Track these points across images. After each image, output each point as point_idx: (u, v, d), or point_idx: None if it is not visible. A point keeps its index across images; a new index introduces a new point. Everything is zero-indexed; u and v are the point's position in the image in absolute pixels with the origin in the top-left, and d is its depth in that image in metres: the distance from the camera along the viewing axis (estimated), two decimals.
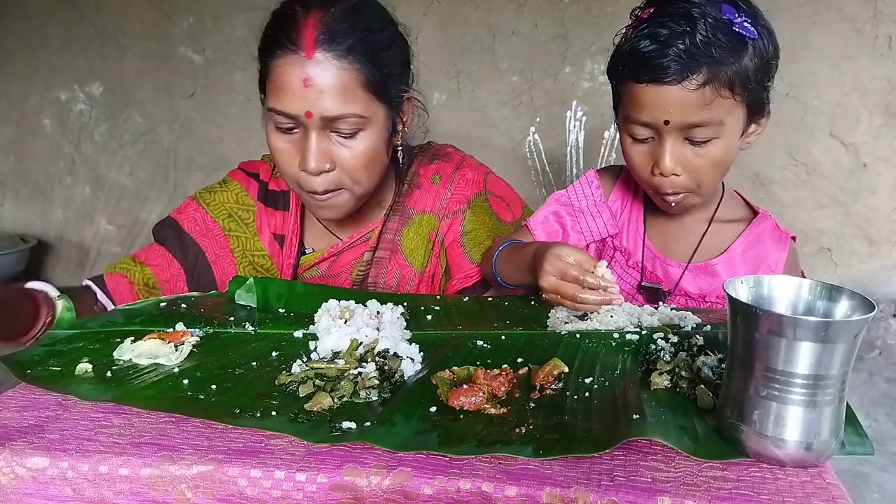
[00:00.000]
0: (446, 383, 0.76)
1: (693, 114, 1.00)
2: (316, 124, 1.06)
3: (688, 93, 0.99)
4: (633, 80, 1.03)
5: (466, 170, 1.32)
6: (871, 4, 2.66)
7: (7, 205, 3.64)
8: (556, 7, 2.91)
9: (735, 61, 0.99)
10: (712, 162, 1.05)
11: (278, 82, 1.06)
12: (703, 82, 0.98)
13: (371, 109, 1.09)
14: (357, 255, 1.27)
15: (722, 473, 0.62)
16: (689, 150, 1.04)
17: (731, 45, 0.99)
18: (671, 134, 1.03)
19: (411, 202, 1.29)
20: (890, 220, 2.83)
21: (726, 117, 1.02)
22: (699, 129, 1.01)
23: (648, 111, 1.02)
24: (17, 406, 0.75)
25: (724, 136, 1.03)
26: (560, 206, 1.25)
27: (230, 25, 3.20)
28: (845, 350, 0.60)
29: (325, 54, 1.04)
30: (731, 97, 1.00)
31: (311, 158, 1.07)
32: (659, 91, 1.00)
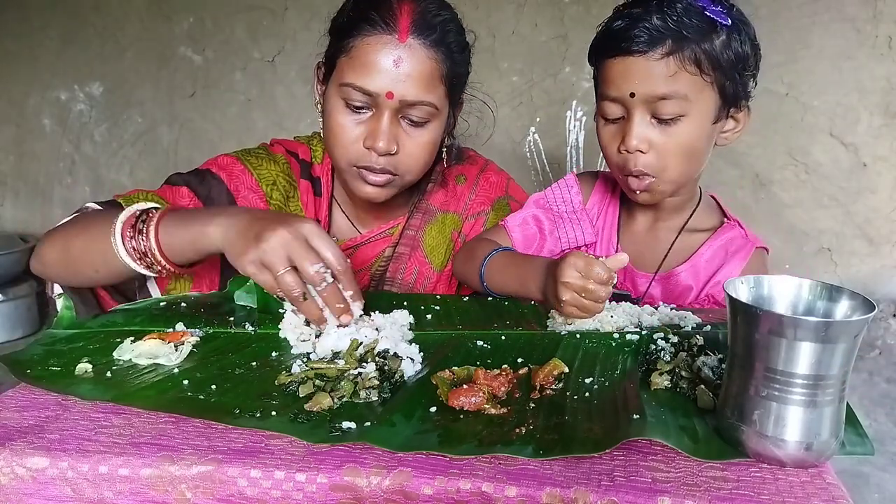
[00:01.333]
0: (446, 383, 0.76)
1: (658, 85, 1.01)
2: (393, 106, 1.08)
3: (652, 63, 1.01)
4: (606, 58, 1.06)
5: (490, 173, 1.36)
6: (871, 4, 2.66)
7: (7, 205, 3.64)
8: (556, 7, 2.92)
9: (703, 40, 1.01)
10: (679, 143, 1.05)
11: (364, 59, 1.07)
12: (666, 52, 1.01)
13: (442, 103, 1.13)
14: (377, 251, 1.28)
15: (722, 474, 0.62)
16: (656, 129, 1.04)
17: (700, 25, 1.01)
18: (638, 108, 1.03)
19: (435, 201, 1.31)
20: (890, 220, 2.83)
21: (694, 95, 1.02)
22: (664, 102, 1.02)
23: (616, 85, 1.04)
24: (17, 406, 0.75)
25: (692, 115, 1.03)
26: (539, 210, 1.25)
27: (230, 25, 3.21)
28: (845, 350, 0.60)
29: (417, 41, 1.07)
30: (697, 74, 1.01)
31: (381, 138, 1.09)
32: (626, 63, 1.03)
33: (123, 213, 0.98)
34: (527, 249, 1.21)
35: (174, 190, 1.16)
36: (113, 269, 1.00)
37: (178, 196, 1.15)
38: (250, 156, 1.24)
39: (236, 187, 1.20)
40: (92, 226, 1.01)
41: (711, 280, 1.14)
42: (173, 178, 1.19)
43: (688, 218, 1.19)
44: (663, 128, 1.04)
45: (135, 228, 0.96)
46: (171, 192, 1.16)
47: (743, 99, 1.08)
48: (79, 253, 1.01)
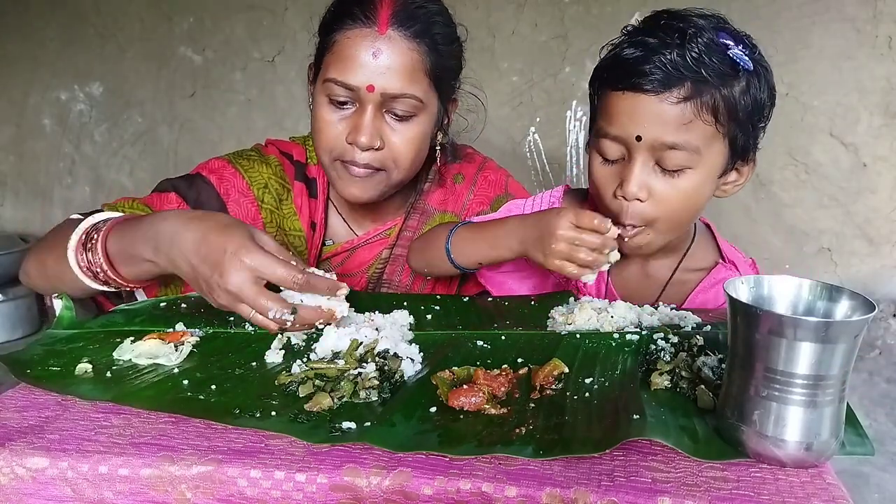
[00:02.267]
0: (446, 383, 0.76)
1: (669, 132, 0.92)
2: (374, 100, 1.06)
3: (666, 106, 0.91)
4: (611, 89, 0.96)
5: (489, 171, 1.33)
6: (871, 4, 2.66)
7: (7, 205, 3.64)
8: (556, 7, 2.91)
9: (724, 86, 0.91)
10: (681, 196, 0.96)
11: (344, 53, 1.06)
12: (684, 97, 0.91)
13: (428, 96, 1.10)
14: (374, 253, 1.27)
15: (722, 474, 0.62)
16: (659, 177, 0.95)
17: (722, 67, 0.91)
18: (641, 154, 0.94)
19: (432, 201, 1.29)
20: (890, 220, 2.83)
21: (705, 147, 0.93)
22: (673, 152, 0.93)
23: (621, 123, 0.94)
24: (17, 406, 0.75)
25: (699, 168, 0.94)
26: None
27: (230, 25, 3.20)
28: (845, 350, 0.60)
29: (398, 32, 1.05)
30: (713, 125, 0.92)
31: (363, 132, 1.07)
32: (636, 101, 0.92)
33: (79, 227, 0.95)
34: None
35: (162, 196, 1.14)
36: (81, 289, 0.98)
37: (166, 202, 1.13)
38: (242, 158, 1.22)
39: (226, 191, 1.17)
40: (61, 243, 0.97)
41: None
42: (163, 184, 1.17)
43: (682, 256, 1.12)
44: (666, 178, 0.95)
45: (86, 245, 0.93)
46: (158, 199, 1.14)
47: (752, 151, 1.00)
48: (53, 271, 0.99)
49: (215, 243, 0.83)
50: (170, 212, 0.93)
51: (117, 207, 1.10)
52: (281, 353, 0.87)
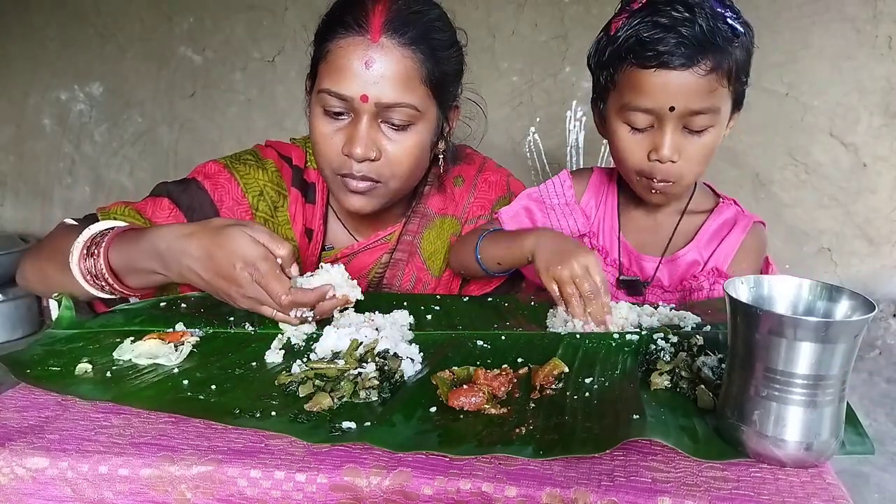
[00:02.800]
0: (446, 383, 0.76)
1: (698, 100, 1.02)
2: (369, 110, 1.04)
3: (695, 78, 1.00)
4: (638, 66, 1.03)
5: (489, 173, 1.31)
6: (871, 4, 2.66)
7: (7, 205, 3.64)
8: (556, 7, 2.91)
9: (733, 51, 1.02)
10: (705, 150, 1.07)
11: (337, 63, 1.04)
12: (710, 69, 1.00)
13: (425, 105, 1.08)
14: (374, 258, 1.25)
15: (722, 474, 0.62)
16: (687, 138, 1.05)
17: (727, 37, 1.01)
18: (673, 121, 1.03)
19: (432, 205, 1.27)
20: (890, 220, 2.83)
21: (723, 106, 1.05)
22: (700, 116, 1.03)
23: (653, 97, 1.03)
24: (17, 406, 0.75)
25: (717, 124, 1.06)
26: (531, 202, 1.26)
27: (230, 25, 3.20)
28: (845, 350, 0.60)
29: (391, 40, 1.03)
30: (727, 87, 1.03)
31: (358, 143, 1.04)
32: (666, 77, 1.01)
33: (80, 237, 0.97)
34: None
35: (156, 201, 1.14)
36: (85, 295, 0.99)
37: (159, 208, 1.13)
38: (239, 162, 1.21)
39: (220, 198, 1.17)
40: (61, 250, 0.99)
41: (715, 253, 1.17)
42: (158, 188, 1.17)
43: (687, 202, 1.21)
44: (693, 137, 1.06)
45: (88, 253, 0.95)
46: (152, 205, 1.13)
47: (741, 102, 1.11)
48: (54, 280, 1.01)
49: (222, 260, 0.88)
50: (164, 229, 0.94)
51: (111, 213, 1.11)
52: (281, 353, 0.87)
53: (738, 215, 1.20)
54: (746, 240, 1.17)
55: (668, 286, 1.19)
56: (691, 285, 1.17)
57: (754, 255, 1.19)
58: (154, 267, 0.93)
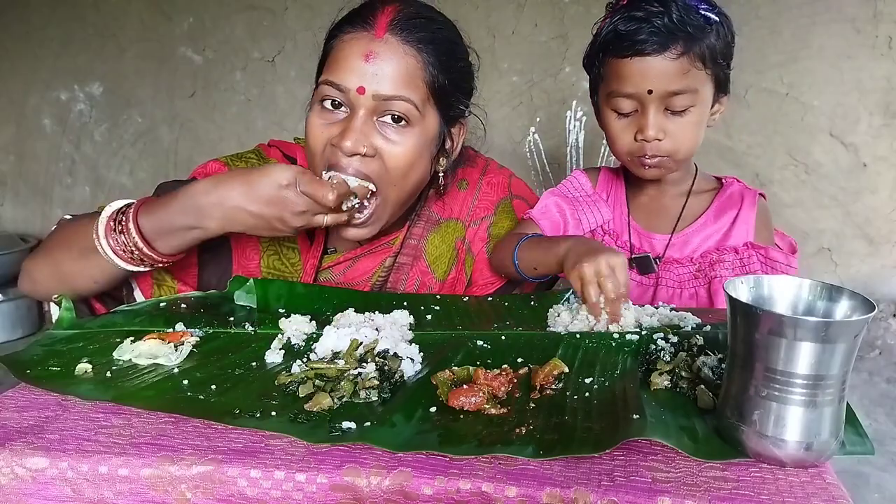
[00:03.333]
0: (446, 383, 0.76)
1: (673, 82, 1.12)
2: (366, 103, 1.02)
3: (668, 62, 1.11)
4: (618, 57, 1.14)
5: (492, 174, 1.31)
6: (871, 4, 2.66)
7: (7, 205, 3.64)
8: (556, 7, 2.91)
9: (704, 38, 1.12)
10: (689, 129, 1.16)
11: (339, 55, 1.04)
12: (680, 53, 1.11)
13: (425, 107, 1.06)
14: (378, 262, 1.23)
15: (722, 474, 0.62)
16: (669, 119, 1.15)
17: (699, 24, 1.12)
18: (653, 103, 1.14)
19: (437, 208, 1.26)
20: (890, 220, 2.82)
21: (701, 87, 1.15)
22: (678, 97, 1.13)
23: (633, 82, 1.14)
24: (17, 406, 0.75)
25: (699, 105, 1.16)
26: (557, 198, 1.31)
27: (230, 25, 3.20)
28: (845, 350, 0.60)
29: (395, 37, 1.03)
30: (703, 69, 1.14)
31: (350, 136, 1.02)
32: (643, 63, 1.12)
33: (102, 216, 0.99)
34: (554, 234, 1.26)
35: None
36: (109, 275, 1.02)
37: None
38: (241, 161, 1.20)
39: None
40: (78, 239, 1.01)
41: (734, 229, 1.25)
42: (160, 188, 1.17)
43: (692, 183, 1.30)
44: (675, 118, 1.15)
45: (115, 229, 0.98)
46: None
47: (727, 87, 1.21)
48: (72, 268, 1.02)
49: (264, 187, 0.96)
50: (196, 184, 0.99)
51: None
52: (281, 353, 0.87)
53: (744, 191, 1.29)
54: (759, 212, 1.27)
55: (682, 259, 1.25)
56: (711, 258, 1.23)
57: (768, 224, 1.30)
58: (191, 222, 0.97)
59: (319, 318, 0.97)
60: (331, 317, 0.97)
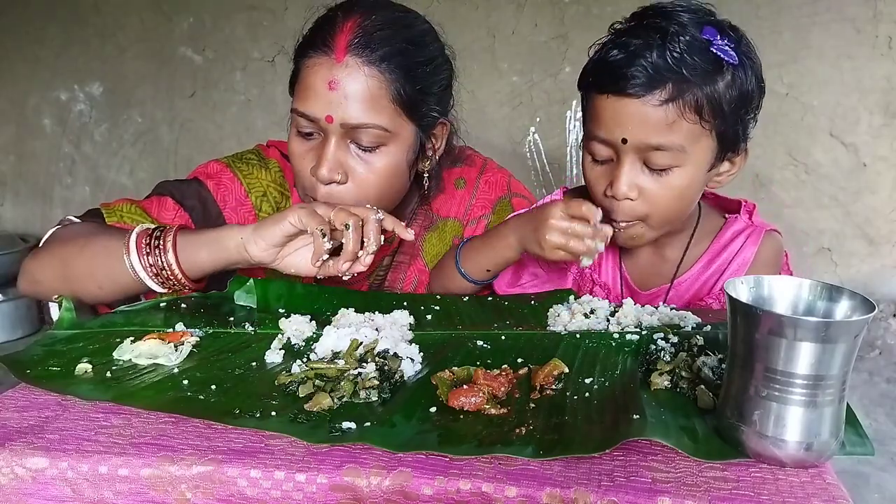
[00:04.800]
0: (446, 384, 0.76)
1: (653, 134, 0.94)
2: (336, 131, 1.03)
3: (649, 108, 0.93)
4: (597, 92, 0.98)
5: (490, 174, 1.30)
6: (871, 4, 2.66)
7: (7, 205, 3.64)
8: (556, 7, 2.91)
9: (706, 83, 0.92)
10: (671, 193, 0.98)
11: (304, 83, 1.04)
12: (666, 99, 0.92)
13: (397, 125, 1.05)
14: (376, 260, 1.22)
15: (722, 474, 0.62)
16: (647, 176, 0.98)
17: (704, 65, 0.92)
18: (629, 155, 0.96)
19: (435, 207, 1.26)
20: (890, 220, 2.82)
21: (691, 145, 0.95)
22: (659, 153, 0.95)
23: (607, 127, 0.97)
24: (17, 406, 0.75)
25: (687, 166, 0.97)
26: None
27: (230, 25, 3.20)
28: (845, 350, 0.60)
29: (356, 59, 1.01)
30: (697, 122, 0.94)
31: (324, 165, 1.03)
32: (620, 104, 0.94)
33: (134, 232, 0.99)
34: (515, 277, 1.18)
35: (160, 200, 1.15)
36: (119, 285, 1.01)
37: (163, 207, 1.14)
38: (242, 162, 1.21)
39: (223, 198, 1.17)
40: (93, 243, 1.02)
41: (727, 269, 1.12)
42: (160, 187, 1.18)
43: (693, 230, 1.13)
44: (654, 176, 0.98)
45: (150, 245, 0.98)
46: (157, 203, 1.14)
47: (742, 142, 1.01)
48: (82, 271, 1.02)
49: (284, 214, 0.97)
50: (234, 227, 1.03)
51: (116, 209, 1.12)
52: (281, 353, 0.87)
53: (749, 228, 1.13)
54: (760, 251, 1.11)
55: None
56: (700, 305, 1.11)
57: (770, 265, 1.12)
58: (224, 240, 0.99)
59: (319, 318, 0.97)
60: (331, 317, 0.97)
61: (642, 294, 1.17)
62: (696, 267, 1.14)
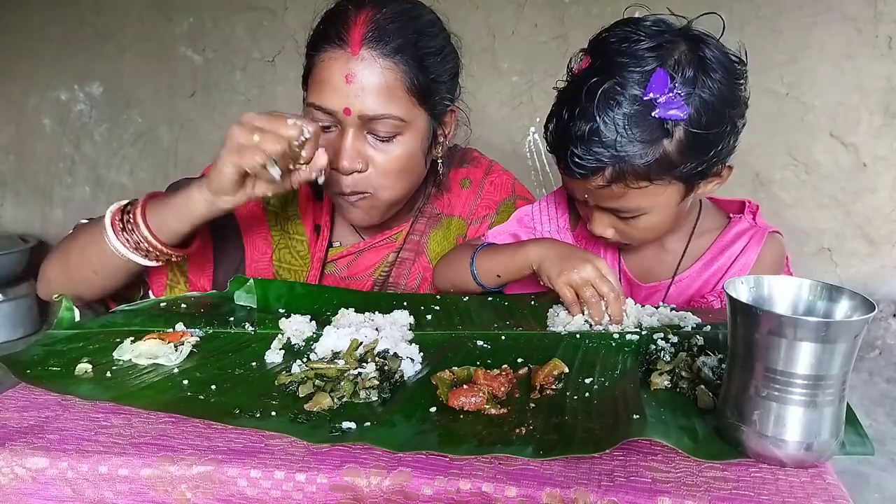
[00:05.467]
0: (446, 384, 0.76)
1: (611, 201, 1.01)
2: (354, 123, 1.05)
3: (594, 187, 0.99)
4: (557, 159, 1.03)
5: (495, 175, 1.33)
6: (872, 4, 2.66)
7: (7, 205, 3.63)
8: (556, 7, 2.91)
9: (650, 153, 0.93)
10: (644, 230, 1.06)
11: (320, 77, 1.05)
12: (609, 181, 0.96)
13: (412, 114, 1.08)
14: (380, 257, 1.26)
15: (722, 474, 0.62)
16: (619, 220, 1.05)
17: (645, 137, 0.92)
18: (597, 209, 1.05)
19: (440, 205, 1.28)
20: (890, 220, 2.82)
21: (651, 199, 0.99)
22: (622, 211, 1.02)
23: (571, 189, 1.07)
24: (17, 406, 0.75)
25: (654, 212, 1.02)
26: (521, 228, 1.23)
27: (230, 25, 3.20)
28: (845, 350, 0.60)
29: (371, 52, 1.03)
30: (648, 184, 0.96)
31: (344, 157, 1.06)
32: (573, 181, 1.02)
33: (107, 213, 1.03)
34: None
35: None
36: (110, 266, 1.04)
37: None
38: None
39: None
40: (82, 233, 1.07)
41: (730, 270, 1.13)
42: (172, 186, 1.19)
43: (694, 225, 1.16)
44: (627, 221, 1.05)
45: (123, 220, 1.01)
46: None
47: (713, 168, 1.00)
48: (76, 260, 1.06)
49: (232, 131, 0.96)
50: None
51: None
52: (281, 353, 0.87)
53: (752, 229, 1.14)
54: (763, 253, 1.13)
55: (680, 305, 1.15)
56: (701, 305, 1.12)
57: (772, 268, 1.14)
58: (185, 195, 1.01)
59: (319, 318, 0.97)
60: (331, 317, 0.97)
61: (643, 287, 1.18)
62: (697, 264, 1.15)
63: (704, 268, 1.15)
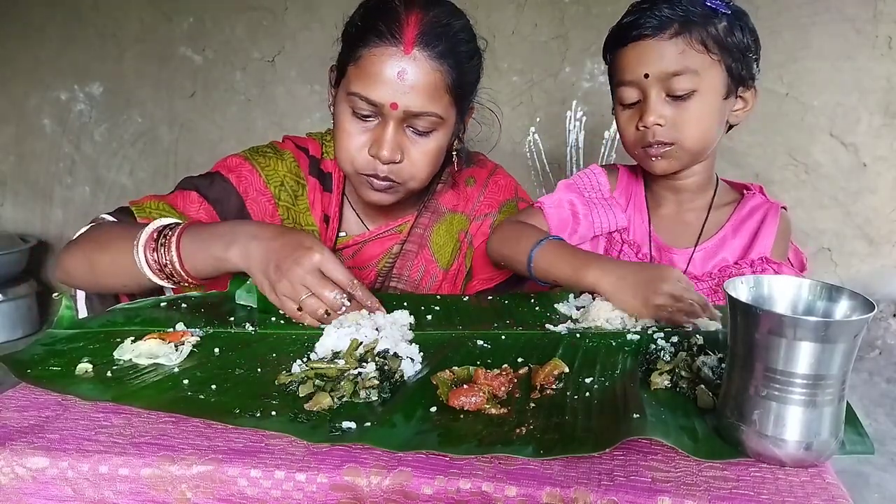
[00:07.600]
0: (446, 383, 0.76)
1: (669, 62, 1.11)
2: (397, 116, 1.10)
3: (663, 43, 1.11)
4: (619, 46, 1.17)
5: (500, 177, 1.38)
6: (871, 4, 2.66)
7: (7, 205, 3.63)
8: (556, 7, 2.91)
9: (706, 24, 1.12)
10: (692, 115, 1.14)
11: (370, 69, 1.09)
12: (674, 33, 1.11)
13: (448, 112, 1.15)
14: (385, 248, 1.30)
15: (722, 473, 0.62)
16: (671, 105, 1.14)
17: (702, 11, 1.12)
18: (653, 88, 1.13)
19: (444, 201, 1.33)
20: (890, 220, 2.82)
21: (703, 71, 1.12)
22: (677, 78, 1.11)
23: (631, 69, 1.15)
24: (17, 406, 0.75)
25: (703, 90, 1.13)
26: (572, 194, 1.29)
27: (230, 25, 3.20)
28: (845, 350, 0.60)
29: (423, 52, 1.09)
30: (704, 52, 1.12)
31: (386, 147, 1.11)
32: (638, 48, 1.13)
33: (146, 229, 1.03)
34: (561, 232, 1.24)
35: (185, 195, 1.20)
36: (140, 282, 1.06)
37: (189, 201, 1.19)
38: (258, 155, 1.27)
39: (245, 189, 1.23)
40: (114, 241, 1.06)
41: (756, 243, 1.22)
42: (184, 182, 1.23)
43: (712, 197, 1.27)
44: (677, 103, 1.13)
45: (157, 243, 1.02)
46: (182, 198, 1.19)
47: (749, 79, 1.18)
48: (105, 268, 1.07)
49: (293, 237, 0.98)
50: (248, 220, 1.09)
51: (144, 207, 1.17)
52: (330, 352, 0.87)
53: (766, 203, 1.27)
54: (780, 225, 1.25)
55: (701, 276, 1.22)
56: (731, 272, 1.20)
57: (787, 239, 1.28)
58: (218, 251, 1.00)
59: None
60: None
61: (672, 252, 1.24)
62: (719, 233, 1.25)
63: (726, 237, 1.24)
